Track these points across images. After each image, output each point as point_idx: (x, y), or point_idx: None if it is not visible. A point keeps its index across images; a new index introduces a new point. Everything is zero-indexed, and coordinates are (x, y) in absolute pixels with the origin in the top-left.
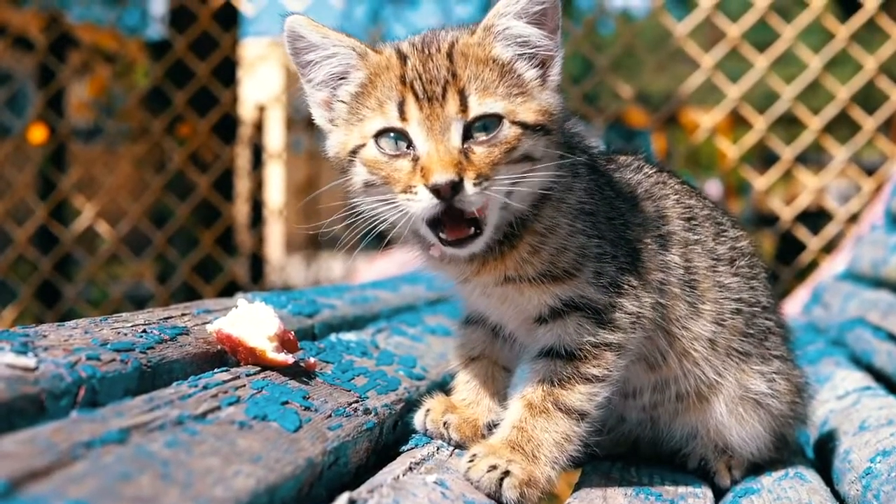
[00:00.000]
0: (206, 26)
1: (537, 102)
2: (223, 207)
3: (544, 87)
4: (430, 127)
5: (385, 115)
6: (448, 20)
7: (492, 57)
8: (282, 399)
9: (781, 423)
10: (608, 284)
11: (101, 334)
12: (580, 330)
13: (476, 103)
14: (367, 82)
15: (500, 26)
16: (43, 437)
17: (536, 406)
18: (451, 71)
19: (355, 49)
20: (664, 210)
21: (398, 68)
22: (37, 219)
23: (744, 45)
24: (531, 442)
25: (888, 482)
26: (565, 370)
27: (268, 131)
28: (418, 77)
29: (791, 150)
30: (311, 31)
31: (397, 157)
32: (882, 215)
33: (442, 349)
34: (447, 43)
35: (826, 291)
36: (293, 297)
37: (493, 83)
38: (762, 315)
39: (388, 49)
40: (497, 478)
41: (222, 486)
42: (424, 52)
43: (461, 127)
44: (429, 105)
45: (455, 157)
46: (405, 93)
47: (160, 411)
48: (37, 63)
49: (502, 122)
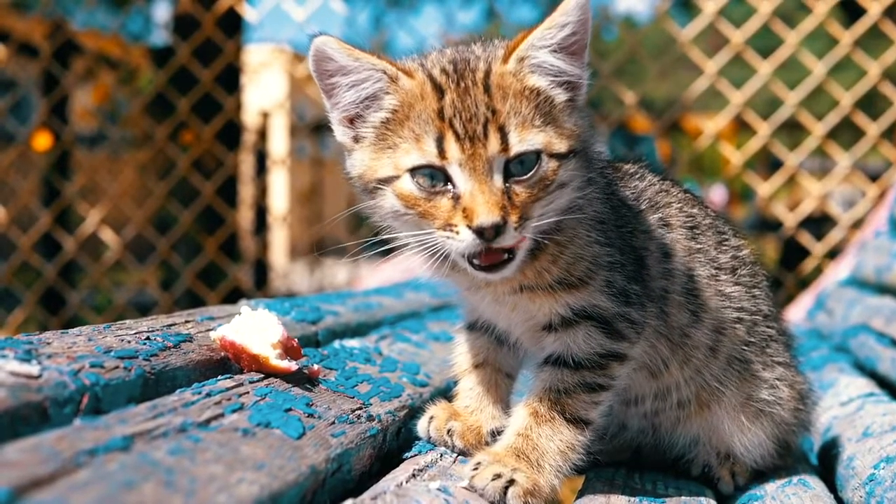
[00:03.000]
0: (209, 33)
1: (569, 128)
2: (227, 214)
3: (574, 110)
4: (473, 167)
5: (422, 150)
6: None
7: (527, 87)
8: (285, 406)
9: (784, 431)
10: (617, 293)
11: (105, 342)
12: (588, 340)
13: (516, 140)
14: (399, 109)
15: (536, 59)
16: (46, 444)
17: (542, 415)
18: (490, 107)
19: (387, 72)
20: (668, 218)
21: (434, 100)
22: (41, 225)
23: (747, 50)
24: (536, 450)
25: (892, 488)
26: (571, 379)
27: (271, 137)
28: (457, 114)
29: (795, 155)
30: (341, 54)
31: (435, 194)
32: (886, 221)
33: (445, 356)
34: (482, 72)
35: (830, 297)
36: (296, 303)
37: (530, 116)
38: (763, 323)
39: (420, 74)
40: (502, 486)
41: (226, 494)
42: (460, 84)
43: (503, 165)
44: (471, 145)
45: (499, 200)
46: (444, 129)
47: (163, 419)
48: (41, 70)
49: (541, 158)
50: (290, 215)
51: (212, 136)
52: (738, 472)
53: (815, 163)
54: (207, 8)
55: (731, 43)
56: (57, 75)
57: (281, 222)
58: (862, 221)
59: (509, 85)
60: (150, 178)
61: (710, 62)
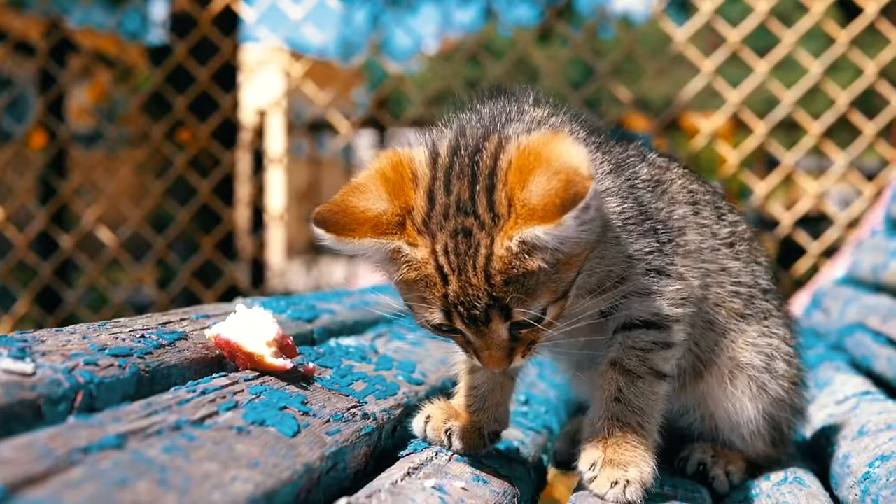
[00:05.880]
0: (206, 31)
1: (576, 253)
2: (224, 212)
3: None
4: (477, 336)
5: (433, 315)
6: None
7: (531, 269)
8: (280, 404)
9: (777, 408)
10: (657, 273)
11: (100, 339)
12: (644, 305)
13: (519, 313)
14: (408, 271)
15: (540, 243)
16: (40, 442)
17: (634, 371)
18: (490, 294)
19: (391, 247)
20: (675, 195)
21: (440, 285)
22: (37, 224)
23: (744, 50)
24: (635, 413)
25: (887, 486)
26: (647, 336)
27: (268, 136)
28: (460, 303)
29: (791, 154)
30: (342, 245)
31: (453, 332)
32: (882, 220)
33: (441, 354)
34: (482, 258)
35: (826, 296)
36: (292, 302)
37: (532, 289)
38: (762, 297)
39: (423, 249)
40: (622, 490)
41: (220, 492)
42: (462, 275)
43: (507, 328)
44: (475, 325)
45: (503, 353)
46: (451, 309)
47: (158, 416)
48: (37, 68)
49: (546, 310)
50: (287, 214)
51: (209, 134)
52: (732, 470)
53: (811, 162)
54: (204, 6)
55: (727, 42)
56: (53, 73)
57: (278, 221)
58: (858, 220)
59: (510, 271)
60: (147, 176)
61: (707, 61)
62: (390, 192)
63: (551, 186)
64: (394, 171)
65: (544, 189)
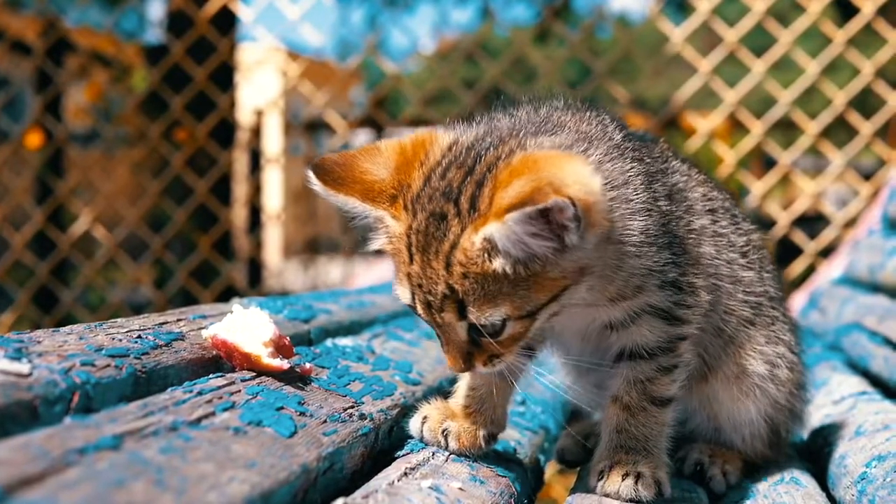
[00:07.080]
0: (203, 31)
1: (559, 269)
2: (221, 212)
3: (568, 250)
4: (437, 326)
5: (403, 293)
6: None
7: (490, 270)
8: (277, 405)
9: (776, 411)
10: (670, 286)
11: (96, 340)
12: (653, 331)
13: (474, 314)
14: (387, 243)
15: (495, 243)
16: (36, 443)
17: (633, 406)
18: (447, 283)
19: (374, 214)
20: (694, 204)
21: (407, 263)
22: (34, 224)
23: (741, 49)
24: (639, 440)
25: (883, 487)
26: (649, 367)
27: (266, 136)
28: (419, 285)
29: (788, 154)
30: (327, 195)
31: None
32: (879, 220)
33: (438, 354)
34: (448, 244)
35: (823, 296)
36: (289, 302)
37: (491, 294)
38: (769, 305)
39: (402, 223)
40: (632, 483)
41: (216, 493)
42: (425, 256)
43: (465, 327)
44: (429, 312)
45: (460, 354)
46: (414, 291)
47: (154, 417)
48: (34, 68)
49: (506, 323)
50: (284, 213)
51: (206, 134)
52: (730, 470)
53: (808, 161)
54: (201, 6)
55: (725, 42)
56: (50, 73)
57: (275, 221)
58: (855, 220)
59: (470, 268)
60: (144, 176)
61: (704, 61)
62: (398, 165)
63: (522, 190)
64: (412, 148)
65: (516, 191)
